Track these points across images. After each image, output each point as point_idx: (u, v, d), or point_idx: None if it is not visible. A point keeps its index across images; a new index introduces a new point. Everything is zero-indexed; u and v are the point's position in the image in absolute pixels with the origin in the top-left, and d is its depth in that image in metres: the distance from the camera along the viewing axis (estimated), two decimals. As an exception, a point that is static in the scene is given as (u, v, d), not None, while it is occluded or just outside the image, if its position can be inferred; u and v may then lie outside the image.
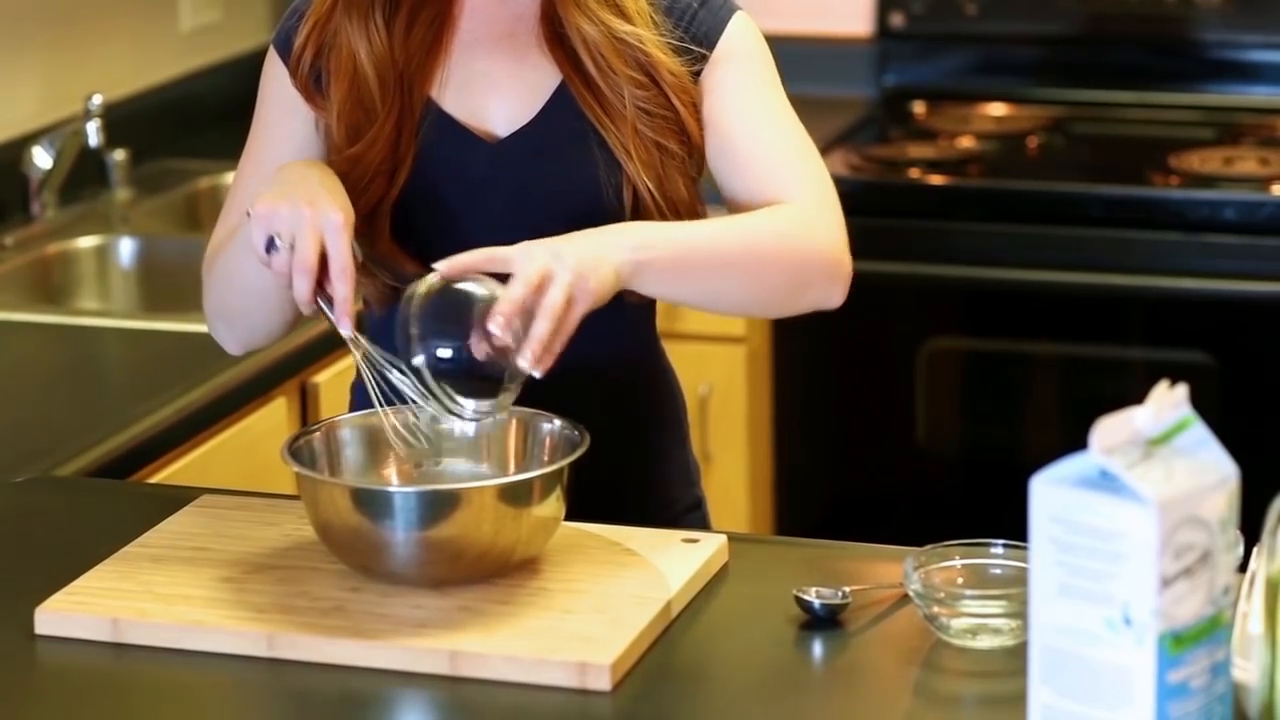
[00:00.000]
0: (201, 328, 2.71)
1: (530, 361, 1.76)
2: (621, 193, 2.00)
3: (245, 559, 1.86)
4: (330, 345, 2.73)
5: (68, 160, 3.24)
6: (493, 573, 1.79)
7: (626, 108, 1.99)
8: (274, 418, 2.63)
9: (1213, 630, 1.48)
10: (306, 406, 2.69)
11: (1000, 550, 1.78)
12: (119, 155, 3.34)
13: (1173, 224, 3.34)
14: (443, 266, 1.82)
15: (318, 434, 1.87)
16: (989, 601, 1.71)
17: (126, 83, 3.50)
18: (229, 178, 3.48)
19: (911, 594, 1.74)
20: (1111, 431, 1.47)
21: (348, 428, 1.89)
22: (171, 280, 3.17)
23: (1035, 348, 3.46)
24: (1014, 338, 3.46)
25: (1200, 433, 1.50)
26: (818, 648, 1.75)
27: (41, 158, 3.21)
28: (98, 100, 3.21)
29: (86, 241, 3.18)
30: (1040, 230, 3.39)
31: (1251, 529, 1.57)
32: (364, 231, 1.98)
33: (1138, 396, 1.50)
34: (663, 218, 1.99)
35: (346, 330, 1.84)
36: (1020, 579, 1.72)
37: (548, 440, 1.88)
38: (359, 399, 2.07)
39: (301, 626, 1.73)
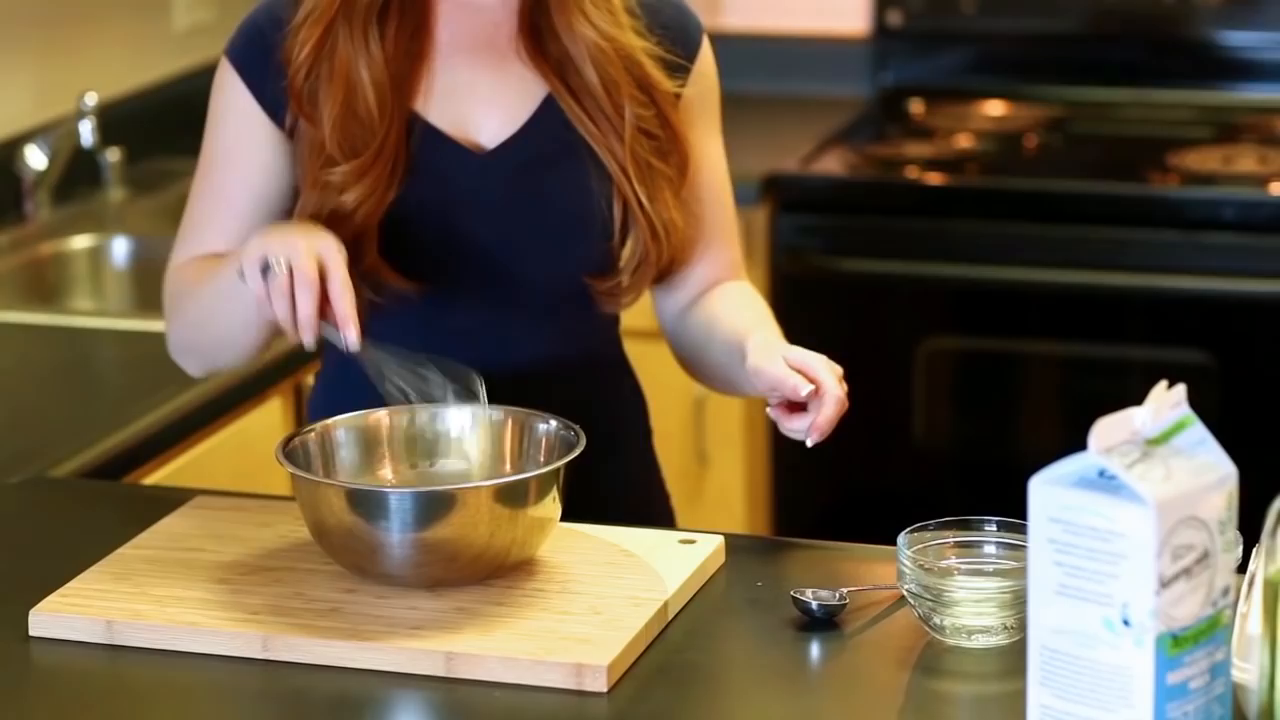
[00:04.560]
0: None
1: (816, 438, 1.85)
2: (612, 206, 2.00)
3: (240, 560, 1.85)
4: (327, 345, 2.72)
5: (61, 160, 3.23)
6: (489, 574, 1.79)
7: (625, 127, 1.99)
8: (268, 419, 2.62)
9: (1212, 631, 1.47)
10: (301, 407, 2.69)
11: (994, 529, 1.78)
12: (113, 155, 3.33)
13: (1171, 223, 3.34)
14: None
15: (312, 435, 1.87)
16: (984, 604, 1.71)
17: (120, 82, 3.50)
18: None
19: (906, 594, 1.73)
20: (1110, 431, 1.46)
21: (342, 429, 1.89)
22: (166, 280, 3.16)
23: (1033, 347, 3.46)
24: (1012, 337, 3.46)
25: (1199, 432, 1.50)
26: (815, 649, 1.74)
27: (35, 157, 3.21)
28: (91, 100, 3.21)
29: (80, 242, 3.17)
30: (1038, 229, 3.38)
31: (1251, 529, 1.56)
32: (349, 246, 1.96)
33: (1137, 396, 1.50)
34: (652, 233, 2.01)
35: (354, 343, 1.83)
36: (1014, 572, 1.72)
37: (544, 441, 1.87)
38: (317, 410, 2.08)
39: (297, 628, 1.73)
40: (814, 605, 1.77)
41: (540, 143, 2.01)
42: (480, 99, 2.02)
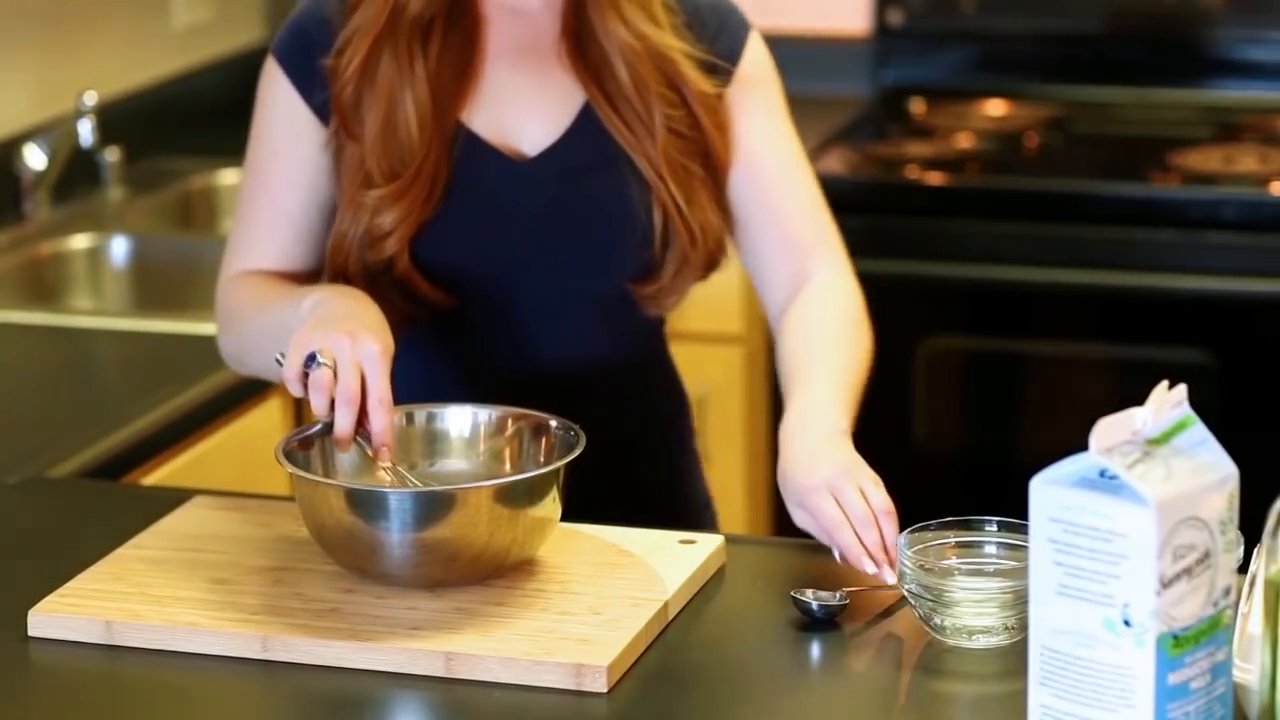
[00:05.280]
0: (196, 328, 2.72)
1: (890, 569, 1.79)
2: (652, 214, 2.00)
3: (239, 561, 1.85)
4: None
5: (60, 159, 3.23)
6: (488, 574, 1.78)
7: (656, 127, 1.98)
8: (268, 418, 2.62)
9: (1213, 631, 1.47)
10: (301, 407, 2.68)
11: (994, 529, 1.77)
12: (112, 154, 3.33)
13: (1172, 222, 3.34)
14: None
15: (312, 435, 1.86)
16: (984, 605, 1.70)
17: (119, 81, 3.50)
18: (223, 176, 3.49)
19: (907, 594, 1.73)
20: (1111, 431, 1.46)
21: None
22: (165, 280, 3.16)
23: (1034, 346, 3.45)
24: (1013, 336, 3.46)
25: (1200, 432, 1.49)
26: (815, 649, 1.74)
27: (34, 157, 3.20)
28: (91, 99, 3.20)
29: (79, 241, 3.17)
30: (1039, 228, 3.38)
31: (1252, 529, 1.56)
32: (388, 252, 1.97)
33: (1137, 396, 1.50)
34: (690, 239, 2.00)
35: (385, 462, 1.82)
36: (1015, 572, 1.71)
37: (543, 441, 1.87)
38: None
39: (296, 628, 1.72)
40: (814, 605, 1.76)
41: (581, 151, 2.01)
42: (522, 106, 2.01)
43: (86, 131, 3.21)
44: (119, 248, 3.19)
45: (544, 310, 2.03)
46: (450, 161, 1.98)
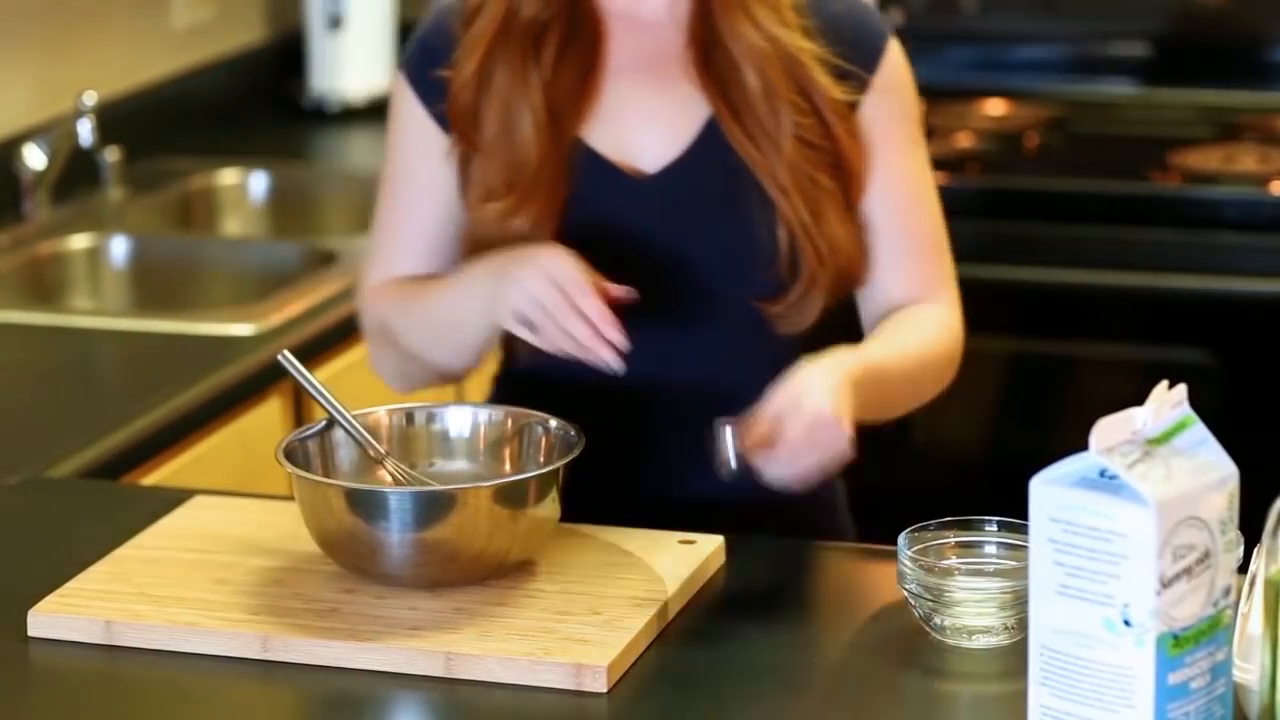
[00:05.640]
0: (196, 328, 2.71)
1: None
2: (776, 232, 1.94)
3: (239, 561, 1.85)
4: (325, 344, 2.72)
5: (60, 159, 3.23)
6: (488, 574, 1.78)
7: (783, 137, 1.92)
8: (268, 418, 2.62)
9: (1213, 631, 1.47)
10: (301, 407, 2.68)
11: (994, 529, 1.77)
12: (112, 154, 3.33)
13: (1172, 222, 3.33)
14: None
15: (312, 435, 1.86)
16: (984, 605, 1.70)
17: (119, 81, 3.49)
18: (223, 176, 3.49)
19: (907, 594, 1.73)
20: (1111, 431, 1.46)
21: (342, 429, 1.88)
22: (165, 280, 3.16)
23: (1034, 346, 3.45)
24: (1012, 336, 3.46)
25: (1200, 432, 1.49)
26: (815, 650, 1.74)
27: (34, 157, 3.20)
28: (90, 99, 3.20)
29: (79, 241, 3.17)
30: (1039, 228, 3.38)
31: (1252, 529, 1.56)
32: None
33: (1137, 396, 1.50)
34: (818, 257, 1.93)
35: (622, 348, 1.82)
36: (1015, 572, 1.71)
37: (543, 441, 1.87)
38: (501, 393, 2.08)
39: (296, 628, 1.72)
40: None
41: (702, 167, 1.96)
42: (644, 120, 1.97)
43: (86, 131, 3.21)
44: (119, 248, 3.19)
45: (670, 329, 1.97)
46: (569, 178, 1.95)
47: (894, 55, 2.01)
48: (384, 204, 2.05)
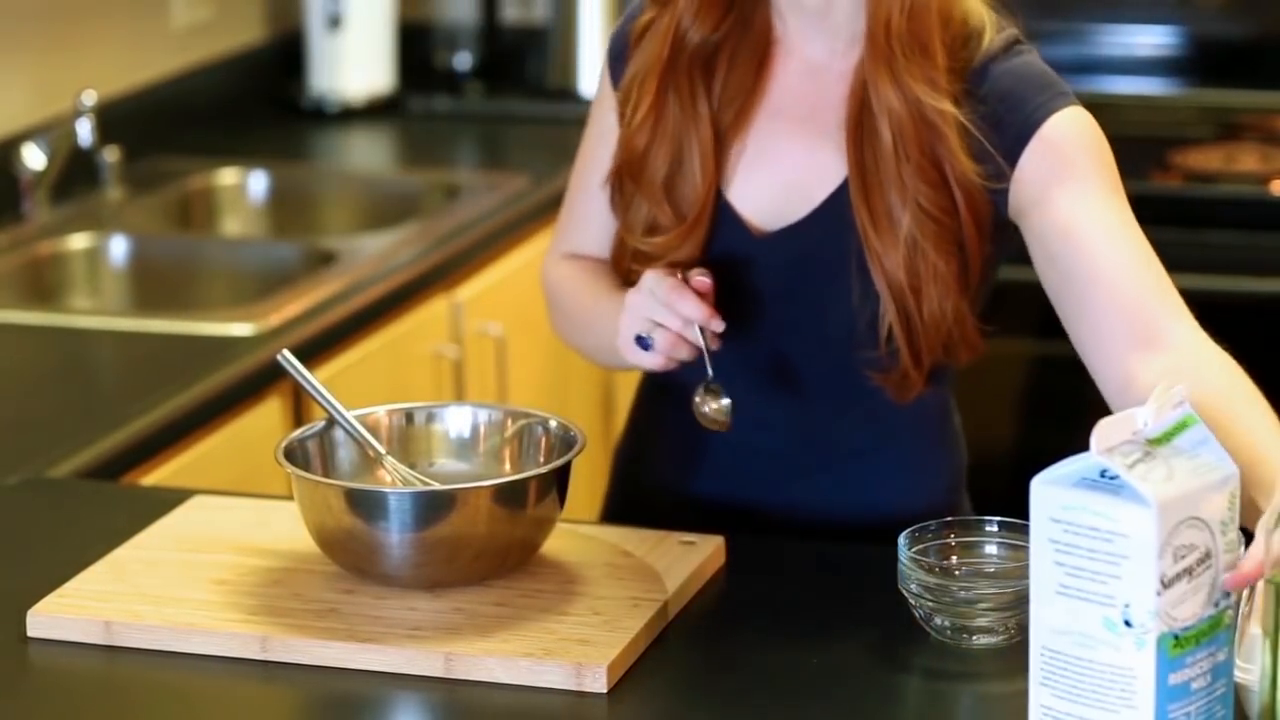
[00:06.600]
0: (196, 328, 2.71)
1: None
2: (876, 321, 1.89)
3: (238, 561, 1.85)
4: (325, 344, 2.72)
5: (59, 159, 3.22)
6: (488, 574, 1.78)
7: (906, 205, 1.84)
8: (268, 419, 2.62)
9: (1213, 632, 1.47)
10: (300, 407, 2.68)
11: (994, 529, 1.77)
12: (111, 154, 3.32)
13: (1173, 221, 3.33)
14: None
15: (312, 435, 1.86)
16: (984, 605, 1.70)
17: (118, 81, 3.49)
18: (222, 176, 3.49)
19: (907, 594, 1.73)
20: (1112, 431, 1.46)
21: (341, 429, 1.88)
22: (164, 280, 3.16)
23: (1035, 346, 3.45)
24: (1014, 336, 3.45)
25: (1201, 433, 1.49)
26: (814, 650, 1.73)
27: (33, 157, 3.20)
28: (90, 98, 3.20)
29: (78, 241, 3.16)
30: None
31: (1251, 529, 1.55)
32: None
33: (1138, 396, 1.49)
34: (911, 343, 1.89)
35: (718, 327, 1.83)
36: (1015, 572, 1.71)
37: (543, 441, 1.87)
38: (641, 419, 2.11)
39: (295, 629, 1.72)
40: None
41: (820, 238, 1.91)
42: (778, 175, 1.93)
43: (85, 131, 3.21)
44: (118, 247, 3.19)
45: (777, 386, 1.97)
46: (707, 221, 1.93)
47: (1046, 141, 1.89)
48: (573, 177, 2.08)
